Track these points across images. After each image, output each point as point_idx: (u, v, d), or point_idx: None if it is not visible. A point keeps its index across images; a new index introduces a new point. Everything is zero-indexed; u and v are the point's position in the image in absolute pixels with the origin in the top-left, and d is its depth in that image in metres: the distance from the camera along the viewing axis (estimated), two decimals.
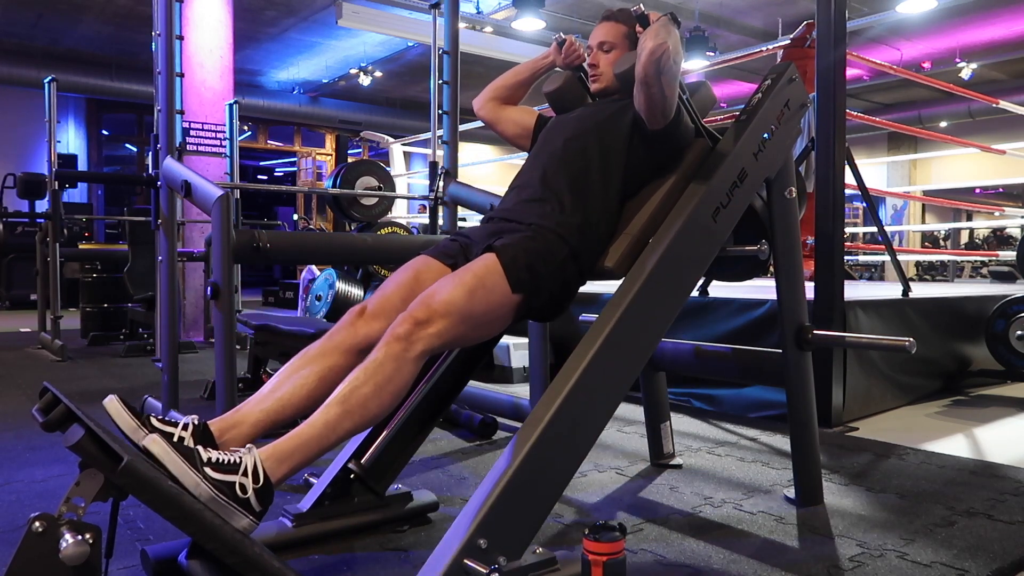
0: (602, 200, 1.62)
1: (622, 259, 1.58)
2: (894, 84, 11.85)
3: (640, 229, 1.60)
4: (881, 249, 5.10)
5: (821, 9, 2.81)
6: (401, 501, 1.74)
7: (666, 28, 1.52)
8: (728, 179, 1.63)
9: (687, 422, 2.85)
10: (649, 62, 1.49)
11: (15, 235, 8.76)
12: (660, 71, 1.49)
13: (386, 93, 12.69)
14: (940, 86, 4.91)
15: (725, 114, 9.06)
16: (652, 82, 1.51)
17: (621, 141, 1.66)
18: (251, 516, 1.21)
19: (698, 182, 1.62)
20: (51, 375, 4.01)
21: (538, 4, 7.81)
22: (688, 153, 1.69)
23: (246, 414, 1.34)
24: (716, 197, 1.60)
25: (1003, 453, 2.42)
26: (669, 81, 1.52)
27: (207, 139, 4.77)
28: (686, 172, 1.66)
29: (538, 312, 1.57)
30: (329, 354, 1.43)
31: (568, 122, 1.78)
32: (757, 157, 1.70)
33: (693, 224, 1.56)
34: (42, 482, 2.07)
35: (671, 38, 1.50)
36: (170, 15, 2.60)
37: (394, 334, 1.34)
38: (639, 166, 1.66)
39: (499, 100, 2.00)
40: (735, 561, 1.54)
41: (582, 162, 1.65)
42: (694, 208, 1.55)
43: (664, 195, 1.63)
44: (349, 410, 1.28)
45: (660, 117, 1.59)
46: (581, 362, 1.38)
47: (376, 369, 1.30)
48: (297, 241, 3.19)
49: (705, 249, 1.60)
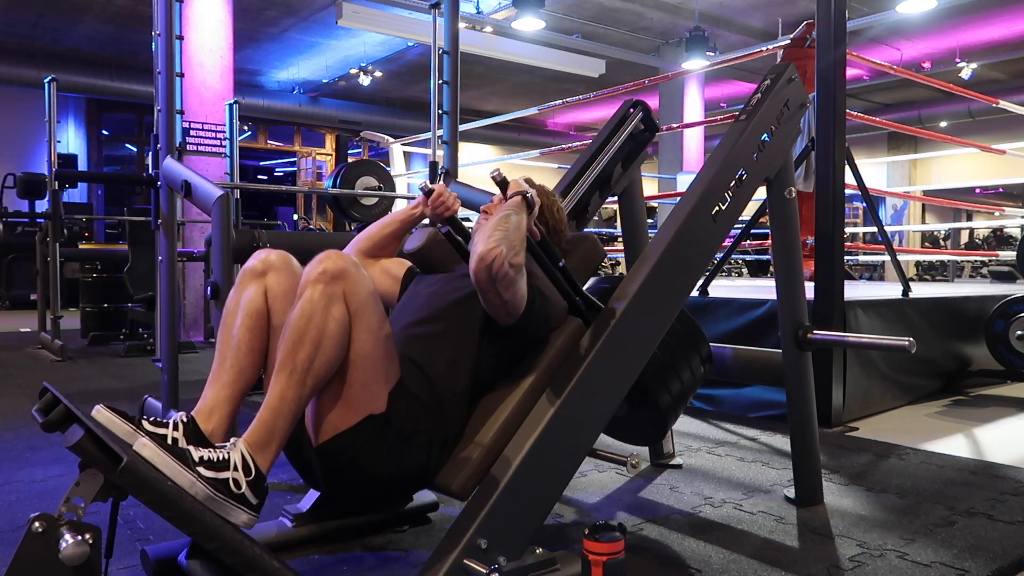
0: (448, 396, 1.41)
1: (468, 479, 1.33)
2: (894, 84, 11.85)
3: (491, 440, 1.36)
4: (881, 249, 5.10)
5: (821, 9, 2.82)
6: (401, 501, 1.74)
7: (504, 223, 1.34)
8: (728, 179, 1.63)
9: (687, 422, 2.86)
10: (479, 268, 1.29)
11: (15, 235, 8.76)
12: (493, 279, 1.30)
13: (386, 93, 12.69)
14: (940, 86, 4.90)
15: (725, 114, 9.06)
16: (486, 288, 1.32)
17: (472, 329, 1.46)
18: (249, 510, 1.21)
19: (555, 388, 1.39)
20: (51, 375, 4.01)
21: (538, 4, 7.81)
22: (557, 337, 1.49)
23: (215, 397, 1.33)
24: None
25: (1003, 453, 2.42)
26: (507, 285, 1.32)
27: (207, 139, 4.77)
28: (552, 363, 1.45)
29: (358, 449, 1.32)
30: (245, 300, 1.40)
31: (423, 296, 1.60)
32: (757, 157, 1.70)
33: (692, 225, 1.56)
34: (42, 482, 2.07)
35: (509, 236, 1.32)
36: (170, 15, 2.59)
37: (309, 279, 1.28)
38: (495, 356, 1.47)
39: (366, 254, 1.75)
40: (735, 561, 1.54)
41: (428, 351, 1.45)
42: (694, 208, 1.54)
43: (523, 396, 1.41)
44: (299, 378, 1.25)
45: (505, 317, 1.40)
46: (581, 362, 1.38)
47: (306, 322, 1.25)
48: (297, 241, 3.20)
49: (705, 249, 1.60)
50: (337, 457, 1.32)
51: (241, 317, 1.39)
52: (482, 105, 13.32)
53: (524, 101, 12.45)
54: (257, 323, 1.38)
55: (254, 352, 1.37)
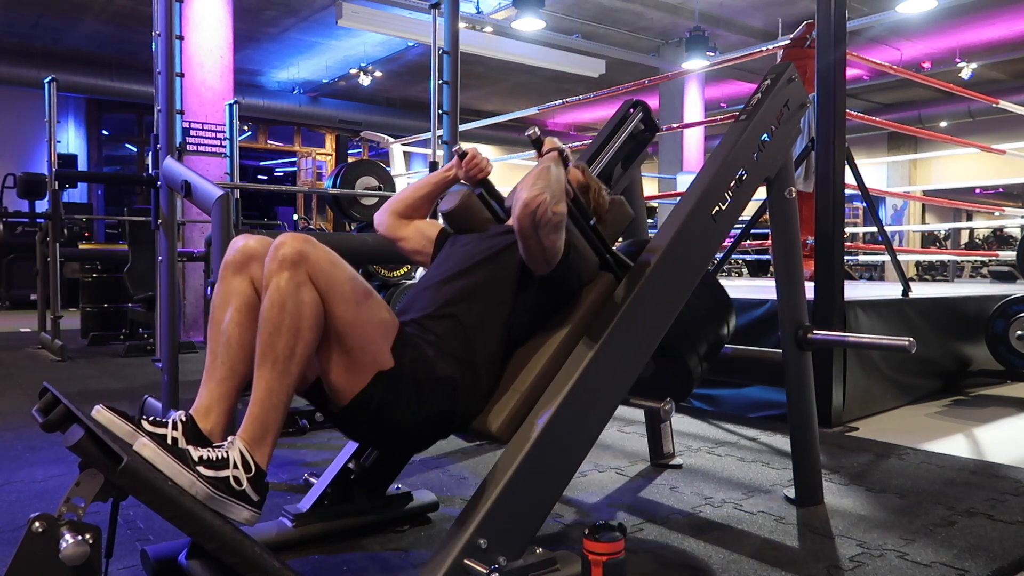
0: (484, 346, 1.46)
1: (507, 422, 1.39)
2: (894, 84, 11.85)
3: (529, 386, 1.42)
4: (881, 249, 5.10)
5: (821, 9, 2.82)
6: (401, 501, 1.74)
7: (546, 173, 1.40)
8: (728, 179, 1.63)
9: (687, 422, 2.86)
10: (523, 215, 1.34)
11: (15, 235, 8.76)
12: (536, 224, 1.35)
13: (386, 93, 12.69)
14: (940, 86, 4.90)
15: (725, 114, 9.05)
16: (528, 235, 1.37)
17: (508, 282, 1.51)
18: (251, 507, 1.21)
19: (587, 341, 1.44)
20: (51, 375, 4.01)
21: (538, 4, 7.81)
22: (590, 292, 1.53)
23: (209, 395, 1.33)
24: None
25: (1003, 453, 2.42)
26: (548, 233, 1.38)
27: (207, 139, 4.76)
28: (584, 317, 1.49)
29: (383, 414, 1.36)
30: (231, 293, 1.39)
31: (457, 254, 1.64)
32: (757, 157, 1.70)
33: (693, 224, 1.56)
34: (42, 482, 2.07)
35: (551, 186, 1.37)
36: (170, 15, 2.59)
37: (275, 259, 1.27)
38: (528, 310, 1.52)
39: (400, 215, 1.83)
40: (735, 561, 1.54)
41: (465, 304, 1.49)
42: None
43: (558, 346, 1.46)
44: (283, 368, 1.25)
45: (542, 265, 1.45)
46: (581, 362, 1.38)
47: (279, 312, 1.24)
48: None
49: (706, 248, 1.60)
50: (362, 415, 1.36)
51: (230, 312, 1.37)
52: (482, 105, 13.32)
53: (524, 101, 12.45)
54: (247, 317, 1.36)
55: (245, 347, 1.35)
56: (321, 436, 2.63)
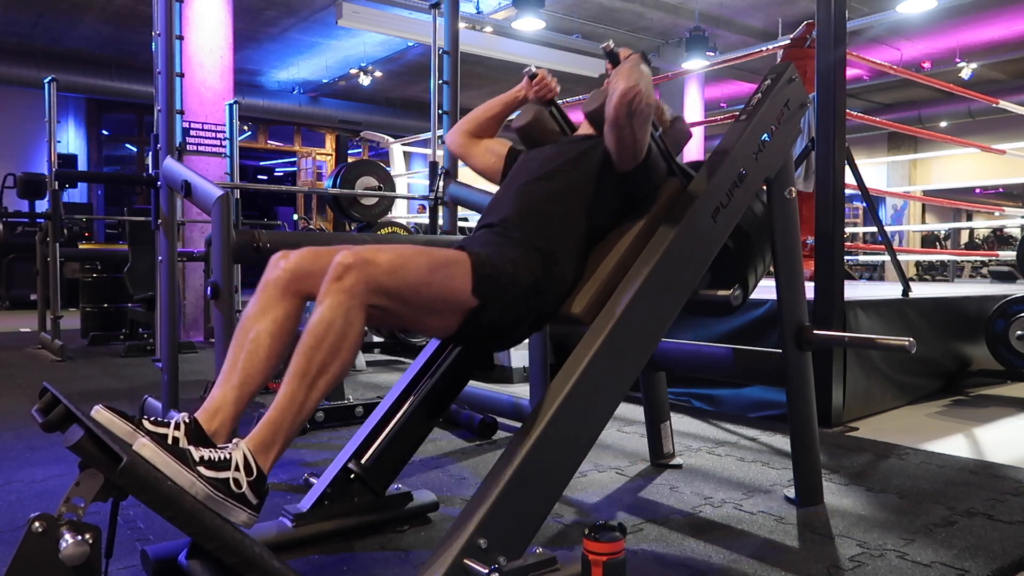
0: (568, 242, 1.56)
1: (590, 306, 1.51)
2: (894, 84, 11.85)
3: (608, 274, 1.54)
4: (881, 249, 5.10)
5: (821, 9, 2.82)
6: (401, 501, 1.74)
7: (637, 68, 1.47)
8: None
9: (687, 422, 2.86)
10: (620, 104, 1.44)
11: (15, 235, 8.76)
12: (632, 114, 1.44)
13: (386, 93, 12.69)
14: (940, 86, 4.91)
15: (725, 114, 9.05)
16: (623, 124, 1.47)
17: (589, 182, 1.61)
18: (249, 509, 1.21)
19: (668, 225, 1.56)
20: (51, 375, 4.01)
21: (538, 4, 7.81)
22: (660, 194, 1.65)
23: (222, 397, 1.33)
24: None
25: (1003, 453, 2.42)
26: (641, 123, 1.47)
27: (207, 139, 4.76)
28: (657, 214, 1.61)
29: (482, 333, 1.48)
30: (270, 306, 1.39)
31: (535, 161, 1.73)
32: (757, 157, 1.70)
33: (693, 225, 1.56)
34: (42, 482, 2.07)
35: (643, 79, 1.45)
36: (170, 15, 2.59)
37: (333, 275, 1.28)
38: (607, 208, 1.62)
39: (471, 134, 1.96)
40: (735, 561, 1.54)
41: (547, 204, 1.59)
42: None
43: (633, 239, 1.58)
44: (311, 381, 1.26)
45: (630, 159, 1.54)
46: (581, 362, 1.38)
47: (326, 329, 1.26)
48: (297, 241, 3.19)
49: (705, 249, 1.60)
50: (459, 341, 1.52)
51: (266, 324, 1.37)
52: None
53: None
54: (282, 330, 1.37)
55: (271, 358, 1.36)
56: (321, 436, 2.63)
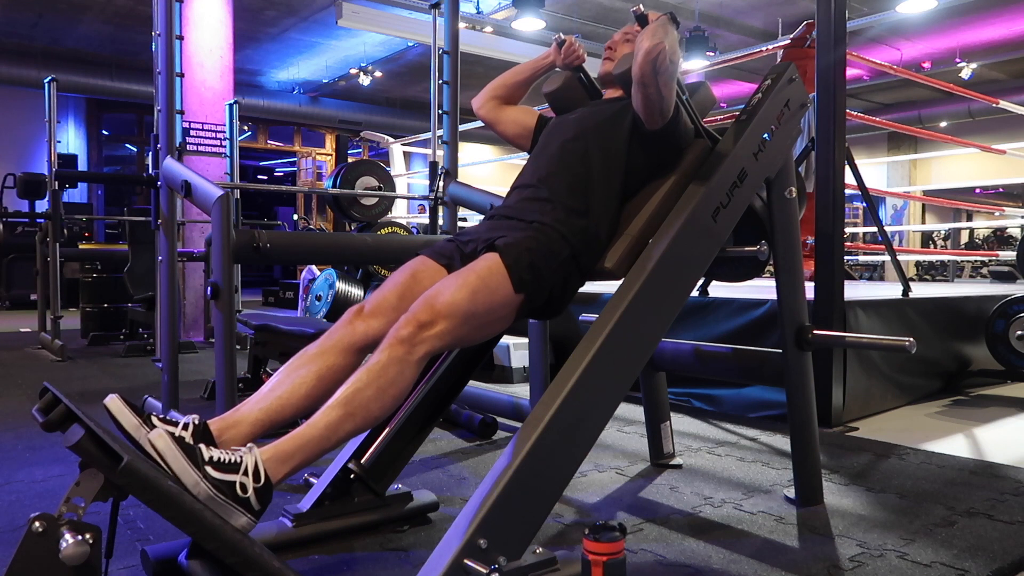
0: (602, 201, 1.62)
1: (621, 260, 1.59)
2: (894, 84, 11.85)
3: (639, 230, 1.61)
4: (881, 249, 5.10)
5: (821, 9, 2.81)
6: (401, 501, 1.74)
7: (664, 28, 1.52)
8: (728, 179, 1.63)
9: (687, 422, 2.85)
10: (645, 62, 1.49)
11: (15, 235, 8.76)
12: (656, 71, 1.49)
13: (386, 93, 12.69)
14: (940, 86, 4.91)
15: (725, 114, 9.06)
16: (649, 82, 1.51)
17: (621, 142, 1.66)
18: (250, 515, 1.21)
19: (698, 182, 1.62)
20: (51, 375, 4.01)
21: (538, 4, 7.81)
22: (688, 153, 1.70)
23: (245, 414, 1.34)
24: (716, 197, 1.60)
25: (1003, 453, 2.42)
26: (666, 81, 1.52)
27: (207, 139, 4.77)
28: (686, 172, 1.67)
29: (539, 311, 1.58)
30: (328, 353, 1.42)
31: (568, 123, 1.78)
32: (757, 157, 1.70)
33: (693, 224, 1.56)
34: (42, 482, 2.07)
35: (668, 37, 1.49)
36: (170, 15, 2.60)
37: (397, 336, 1.34)
38: (639, 167, 1.67)
39: (499, 100, 2.01)
40: (735, 561, 1.54)
41: (582, 164, 1.65)
42: (694, 208, 1.56)
43: (663, 196, 1.64)
44: (351, 412, 1.28)
45: (658, 117, 1.59)
46: (581, 362, 1.38)
47: (379, 372, 1.30)
48: (297, 241, 3.19)
49: (705, 249, 1.60)
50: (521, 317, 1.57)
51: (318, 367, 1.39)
52: None
53: (524, 101, 12.44)
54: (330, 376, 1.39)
55: (309, 398, 1.37)
56: None
